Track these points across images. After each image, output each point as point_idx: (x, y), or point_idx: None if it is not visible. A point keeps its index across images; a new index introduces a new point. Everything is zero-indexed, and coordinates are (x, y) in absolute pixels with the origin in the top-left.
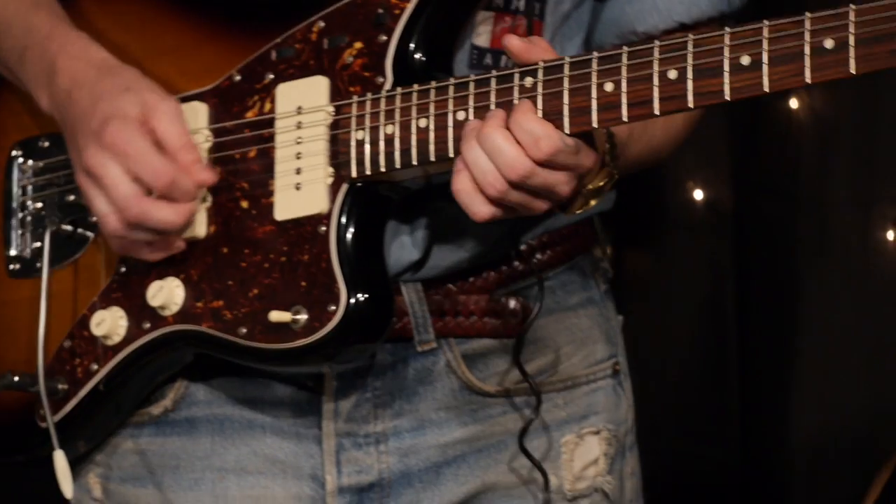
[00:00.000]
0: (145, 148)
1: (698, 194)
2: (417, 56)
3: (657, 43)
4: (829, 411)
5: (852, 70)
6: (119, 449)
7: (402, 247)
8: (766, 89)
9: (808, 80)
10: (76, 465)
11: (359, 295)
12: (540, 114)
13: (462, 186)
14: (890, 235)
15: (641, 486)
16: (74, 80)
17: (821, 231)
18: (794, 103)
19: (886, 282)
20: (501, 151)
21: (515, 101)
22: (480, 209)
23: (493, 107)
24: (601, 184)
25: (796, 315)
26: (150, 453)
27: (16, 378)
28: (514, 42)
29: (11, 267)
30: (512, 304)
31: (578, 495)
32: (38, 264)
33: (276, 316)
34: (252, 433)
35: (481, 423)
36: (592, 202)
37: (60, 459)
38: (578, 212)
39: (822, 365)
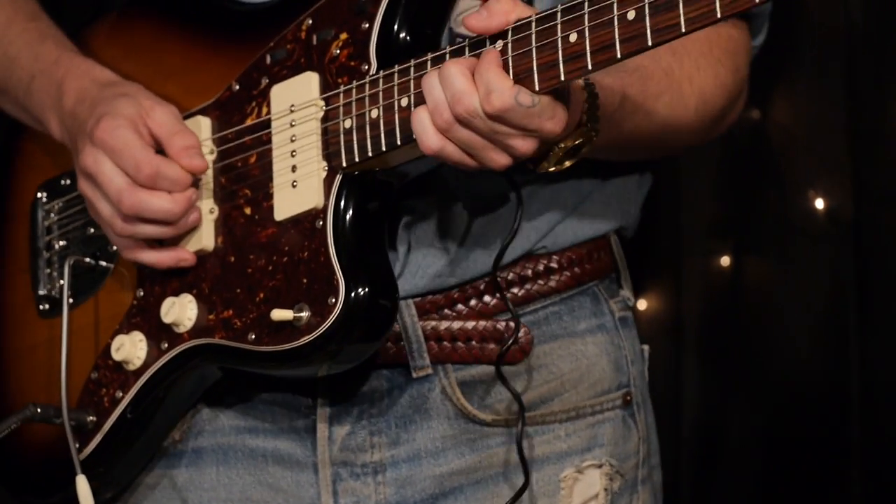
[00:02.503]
0: (130, 140)
1: (819, 203)
2: (402, 36)
3: None
4: None
5: None
6: (131, 483)
7: None
8: (719, 14)
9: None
10: None
11: (359, 286)
12: (511, 74)
13: (417, 114)
14: None
15: None
16: (78, 97)
17: None
18: None
19: None
20: (452, 83)
21: None
22: (430, 139)
23: None
24: (576, 142)
25: None
26: (160, 486)
27: (38, 410)
28: (472, 22)
29: (41, 307)
30: (512, 328)
31: None
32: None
33: (278, 314)
34: (255, 462)
35: (479, 454)
36: (567, 163)
37: (83, 484)
38: (551, 170)
39: None
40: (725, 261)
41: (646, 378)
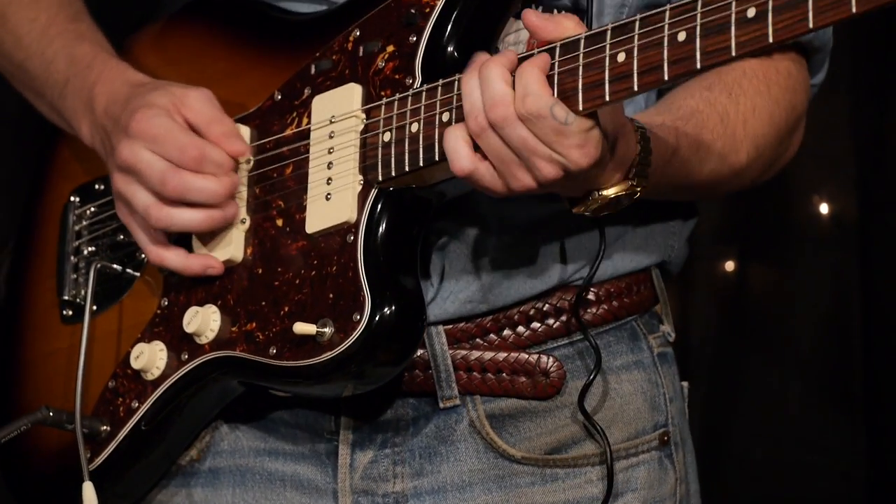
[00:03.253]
0: (170, 126)
1: (824, 208)
2: (449, 51)
3: (668, 7)
4: None
5: (853, 9)
6: (146, 499)
7: None
8: (771, 39)
9: (811, 24)
10: None
11: (385, 304)
12: (555, 92)
13: (450, 133)
14: None
15: None
16: (110, 98)
17: None
18: None
19: None
20: (491, 86)
21: None
22: (462, 160)
23: None
24: (619, 194)
25: None
26: None
27: (51, 413)
28: (531, 17)
29: (65, 313)
30: (544, 361)
31: None
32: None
33: (300, 328)
34: (272, 486)
35: (507, 492)
36: (604, 213)
37: (89, 491)
38: (586, 214)
39: None
40: (730, 265)
41: (686, 416)
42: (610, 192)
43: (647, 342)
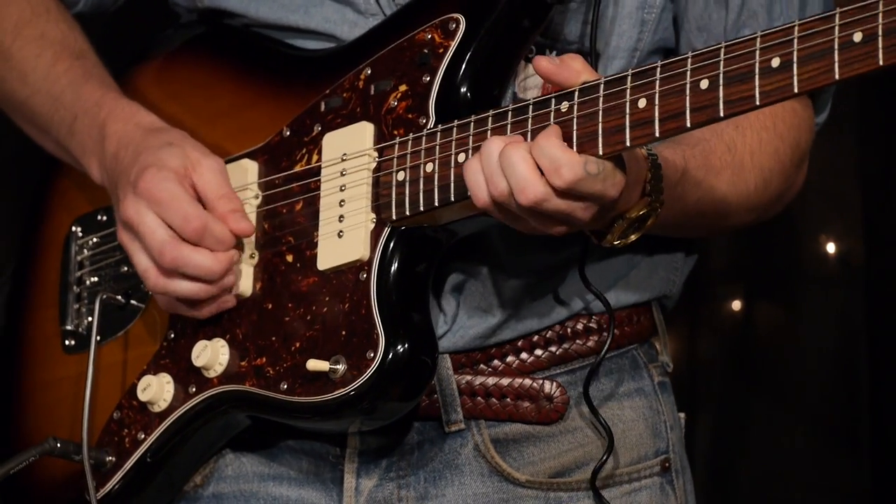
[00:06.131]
0: (177, 193)
1: (830, 247)
2: (463, 91)
3: (691, 53)
4: None
5: (880, 61)
6: None
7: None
8: (796, 90)
9: (836, 76)
10: None
11: (399, 342)
12: (574, 137)
13: (470, 166)
14: None
15: None
16: (121, 141)
17: None
18: None
19: None
20: (515, 171)
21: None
22: (484, 193)
23: (530, 135)
24: (641, 213)
25: None
26: None
27: (58, 444)
28: (542, 63)
29: (67, 342)
30: (548, 387)
31: None
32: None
33: (314, 364)
34: None
35: None
36: (633, 236)
37: None
38: (616, 243)
39: None
40: (737, 304)
41: (684, 444)
42: (633, 213)
43: (648, 370)
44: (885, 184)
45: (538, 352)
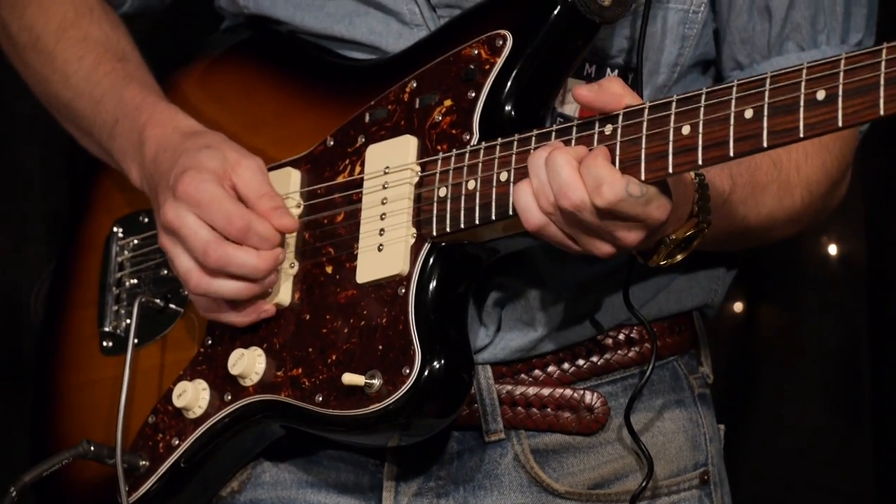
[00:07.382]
0: (218, 194)
1: (832, 249)
2: (507, 109)
3: (736, 82)
4: None
5: None
6: None
7: (469, 327)
8: (840, 124)
9: (881, 112)
10: None
11: (435, 359)
12: (617, 161)
13: (521, 188)
14: None
15: None
16: (160, 145)
17: None
18: None
19: None
20: (559, 174)
21: None
22: (534, 216)
23: None
24: (688, 233)
25: None
26: None
27: (92, 448)
28: (581, 92)
29: (105, 344)
30: (588, 398)
31: None
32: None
33: (349, 378)
34: None
35: None
36: (679, 256)
37: None
38: (662, 263)
39: None
40: (739, 306)
41: (722, 456)
42: (679, 233)
43: (688, 382)
44: (886, 185)
45: (580, 362)
